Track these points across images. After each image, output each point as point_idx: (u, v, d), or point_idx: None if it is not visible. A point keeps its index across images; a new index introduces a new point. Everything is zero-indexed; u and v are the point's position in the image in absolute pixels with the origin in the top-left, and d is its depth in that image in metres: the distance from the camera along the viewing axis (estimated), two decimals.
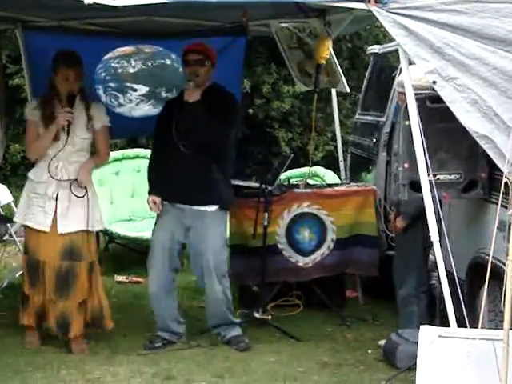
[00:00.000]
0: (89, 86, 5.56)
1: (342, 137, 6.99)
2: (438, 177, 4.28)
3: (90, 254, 4.96)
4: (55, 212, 4.85)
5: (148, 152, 7.82)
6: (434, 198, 4.12)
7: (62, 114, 4.83)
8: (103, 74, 5.85)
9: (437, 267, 4.13)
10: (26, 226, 5.00)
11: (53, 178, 4.85)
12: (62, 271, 4.85)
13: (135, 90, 5.98)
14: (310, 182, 6.40)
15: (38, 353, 4.81)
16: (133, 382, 4.43)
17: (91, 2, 3.88)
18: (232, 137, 5.02)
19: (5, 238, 6.16)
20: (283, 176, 6.20)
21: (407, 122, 4.26)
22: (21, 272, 5.30)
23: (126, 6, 3.98)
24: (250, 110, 9.42)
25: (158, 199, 5.01)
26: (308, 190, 5.91)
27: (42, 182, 4.89)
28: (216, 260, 4.99)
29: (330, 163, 8.52)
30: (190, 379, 4.49)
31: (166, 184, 5.00)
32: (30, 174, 4.98)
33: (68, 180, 4.87)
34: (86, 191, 4.91)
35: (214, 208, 4.98)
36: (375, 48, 7.30)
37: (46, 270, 4.87)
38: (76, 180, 4.87)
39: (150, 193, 5.08)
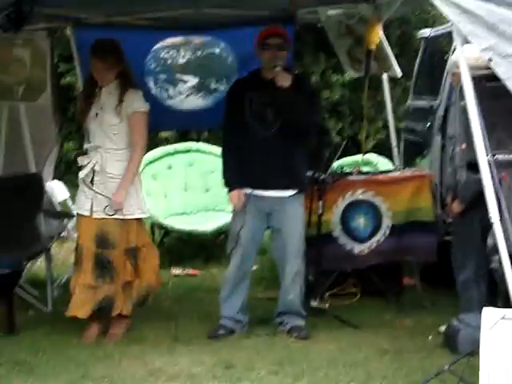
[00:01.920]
0: (139, 79, 5.62)
1: (393, 124, 6.90)
2: (496, 156, 4.20)
3: (128, 241, 4.96)
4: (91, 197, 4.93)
5: (199, 145, 7.92)
6: (493, 178, 4.04)
7: None
8: (153, 65, 5.87)
9: (497, 250, 4.05)
10: None
11: (89, 164, 4.92)
12: (98, 257, 4.91)
13: (185, 82, 5.99)
14: (364, 169, 6.34)
15: (99, 346, 4.86)
16: (194, 371, 4.44)
17: None
18: (317, 123, 5.04)
19: (63, 234, 6.23)
20: (335, 164, 6.16)
21: (463, 103, 4.19)
22: None
23: None
24: None
25: (242, 193, 4.98)
26: (362, 177, 5.86)
27: (82, 167, 4.98)
28: (296, 245, 5.03)
29: (382, 151, 8.41)
30: (250, 368, 4.49)
31: (246, 170, 4.97)
32: (79, 160, 5.07)
33: (101, 167, 4.89)
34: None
35: (293, 192, 5.00)
36: (426, 32, 7.23)
37: (84, 254, 4.94)
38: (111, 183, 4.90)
39: (229, 185, 5.04)
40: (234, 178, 5.03)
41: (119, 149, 4.95)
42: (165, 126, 7.09)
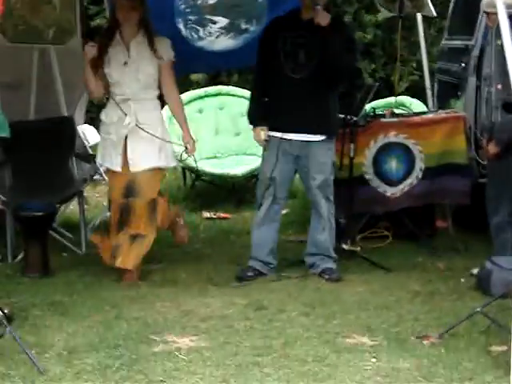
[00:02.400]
0: (170, 21, 5.56)
1: (428, 65, 6.78)
2: None
3: (151, 192, 4.94)
4: (125, 151, 4.89)
5: (230, 89, 7.87)
6: None
7: (88, 46, 4.84)
8: (183, 6, 5.79)
9: None
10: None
11: (121, 118, 4.83)
12: (122, 208, 4.92)
13: (215, 23, 5.91)
14: (396, 111, 6.25)
15: (133, 287, 4.91)
16: (226, 312, 4.48)
17: None
18: (353, 68, 4.99)
19: (95, 177, 6.26)
20: (368, 107, 6.08)
21: (499, 42, 4.09)
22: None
23: None
24: None
25: (263, 131, 4.97)
26: (394, 119, 5.78)
27: (112, 123, 4.91)
28: (326, 185, 5.01)
29: (416, 93, 8.30)
30: (281, 309, 4.52)
31: (275, 112, 4.94)
32: (102, 116, 5.00)
33: (137, 120, 4.84)
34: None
35: (322, 138, 4.96)
36: None
37: (113, 207, 4.98)
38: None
39: (255, 124, 5.05)
40: (257, 115, 5.04)
41: (151, 98, 4.93)
42: (196, 68, 7.02)
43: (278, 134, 4.97)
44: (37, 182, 5.55)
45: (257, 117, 5.07)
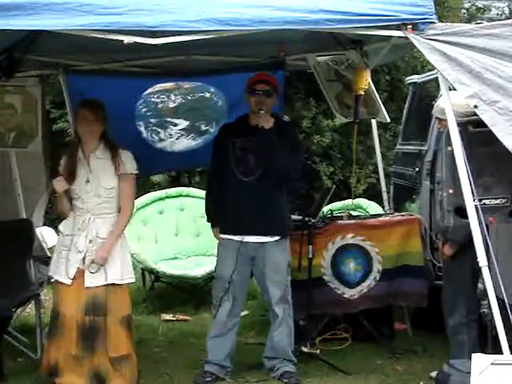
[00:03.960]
0: (131, 123, 5.66)
1: (383, 168, 6.96)
2: (483, 201, 4.23)
3: (121, 308, 4.81)
4: (83, 265, 4.73)
5: (190, 190, 7.95)
6: (480, 223, 4.06)
7: (56, 182, 4.76)
8: (144, 110, 5.93)
9: (486, 294, 4.05)
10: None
11: (81, 231, 4.75)
12: (86, 326, 4.70)
13: (175, 125, 6.05)
14: (354, 213, 6.36)
15: None
16: None
17: (131, 42, 3.94)
18: (298, 168, 5.07)
19: (52, 280, 6.19)
20: (326, 209, 6.18)
21: (450, 148, 4.23)
22: None
23: (165, 45, 4.04)
24: None
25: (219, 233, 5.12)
26: (352, 221, 5.88)
27: (70, 235, 4.80)
28: (282, 290, 5.03)
29: (373, 195, 8.45)
30: None
31: (230, 214, 5.04)
32: (60, 227, 4.91)
33: (96, 234, 4.75)
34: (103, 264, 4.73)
35: (275, 238, 5.02)
36: (414, 78, 7.30)
37: (67, 324, 4.73)
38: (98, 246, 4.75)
39: (212, 224, 5.24)
40: (213, 216, 5.22)
41: (113, 213, 4.84)
42: (156, 169, 7.12)
43: (235, 238, 5.02)
44: None
45: (213, 218, 5.22)
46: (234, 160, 5.01)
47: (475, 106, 3.99)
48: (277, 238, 5.03)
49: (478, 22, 10.64)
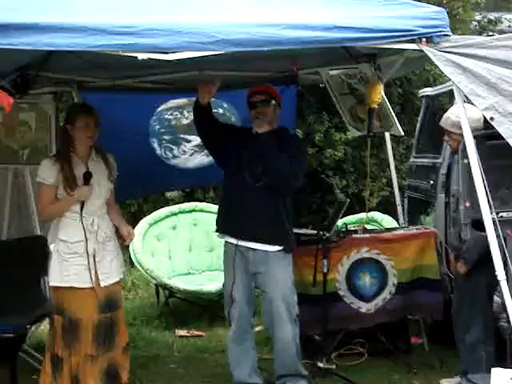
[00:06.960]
0: (144, 140, 5.66)
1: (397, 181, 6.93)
2: (500, 214, 4.20)
3: (121, 300, 5.03)
4: (95, 267, 4.80)
5: (203, 205, 7.95)
6: (498, 236, 4.03)
7: (81, 191, 4.76)
8: (157, 127, 5.93)
9: (504, 308, 4.01)
10: (57, 288, 4.89)
11: (92, 234, 4.77)
12: (103, 324, 4.79)
13: (189, 142, 6.05)
14: (368, 227, 6.34)
15: None
16: None
17: (145, 58, 3.93)
18: (300, 178, 4.97)
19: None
20: (340, 222, 6.16)
21: (465, 161, 4.20)
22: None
23: (179, 61, 4.04)
24: None
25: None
26: (366, 235, 5.85)
27: (79, 241, 4.78)
28: (286, 305, 4.91)
29: (386, 209, 8.44)
30: None
31: (230, 217, 5.01)
32: (62, 236, 4.84)
33: (104, 234, 4.83)
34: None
35: (278, 248, 4.93)
36: (427, 90, 7.29)
37: (83, 327, 4.76)
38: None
39: (218, 230, 5.15)
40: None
41: (106, 212, 4.94)
42: (171, 186, 7.12)
43: (234, 241, 4.97)
44: (7, 303, 5.46)
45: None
46: (241, 167, 4.97)
47: (491, 119, 3.96)
48: (279, 248, 4.91)
49: (490, 34, 10.63)
